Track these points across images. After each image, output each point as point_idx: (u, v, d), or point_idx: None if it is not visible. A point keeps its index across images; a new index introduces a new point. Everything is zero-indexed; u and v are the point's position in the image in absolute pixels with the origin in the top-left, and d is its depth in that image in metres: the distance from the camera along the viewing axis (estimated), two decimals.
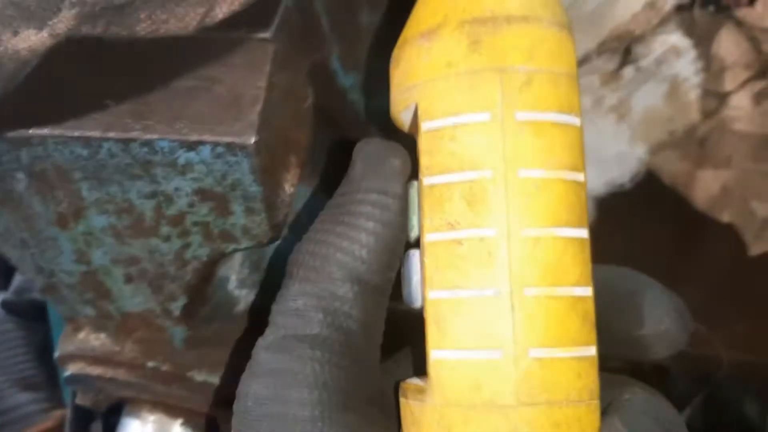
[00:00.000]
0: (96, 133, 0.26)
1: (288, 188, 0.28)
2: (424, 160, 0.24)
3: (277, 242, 0.37)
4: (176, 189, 0.27)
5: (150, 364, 0.34)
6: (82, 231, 0.30)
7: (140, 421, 0.38)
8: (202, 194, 0.27)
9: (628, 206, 0.49)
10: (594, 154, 0.50)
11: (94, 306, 0.33)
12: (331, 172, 0.45)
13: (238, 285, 0.35)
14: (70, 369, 0.36)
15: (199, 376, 0.35)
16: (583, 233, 0.23)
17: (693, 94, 0.49)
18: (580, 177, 0.23)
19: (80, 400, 0.40)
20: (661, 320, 0.27)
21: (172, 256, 0.30)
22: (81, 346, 0.35)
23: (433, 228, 0.24)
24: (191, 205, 0.28)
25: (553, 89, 0.23)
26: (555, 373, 0.22)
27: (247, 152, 0.25)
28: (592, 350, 0.23)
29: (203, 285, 0.31)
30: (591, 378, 0.22)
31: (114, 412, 0.41)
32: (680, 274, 0.53)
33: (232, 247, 0.29)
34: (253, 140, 0.25)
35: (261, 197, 0.27)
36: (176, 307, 0.32)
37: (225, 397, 0.36)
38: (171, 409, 0.38)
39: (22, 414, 0.67)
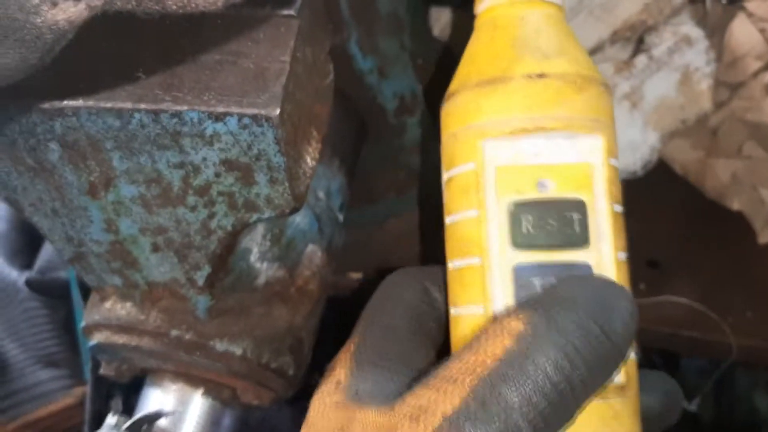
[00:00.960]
0: (128, 104, 0.28)
1: (309, 160, 0.30)
2: (611, 188, 0.29)
3: (298, 218, 0.39)
4: (204, 159, 0.29)
5: (174, 332, 0.36)
6: (112, 200, 0.31)
7: (162, 390, 0.40)
8: (228, 164, 0.28)
9: (639, 193, 0.50)
10: None
11: (121, 275, 0.35)
12: (348, 153, 0.46)
13: (259, 257, 0.36)
14: (96, 338, 0.37)
15: (220, 346, 0.36)
16: None
17: (705, 84, 0.50)
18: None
19: (105, 370, 0.41)
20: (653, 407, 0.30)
21: (198, 226, 0.31)
22: (107, 315, 0.36)
23: (620, 248, 0.29)
24: (218, 174, 0.29)
25: None
26: None
27: (272, 123, 0.27)
28: None
29: (227, 255, 0.32)
30: None
31: (134, 391, 0.42)
32: (691, 261, 0.54)
33: (255, 216, 0.30)
34: (277, 112, 0.26)
35: (284, 167, 0.28)
36: (200, 276, 0.33)
37: (245, 369, 0.37)
38: (192, 379, 0.39)
39: (44, 390, 0.69)
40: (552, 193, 0.28)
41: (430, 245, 0.56)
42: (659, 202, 0.55)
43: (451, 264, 0.31)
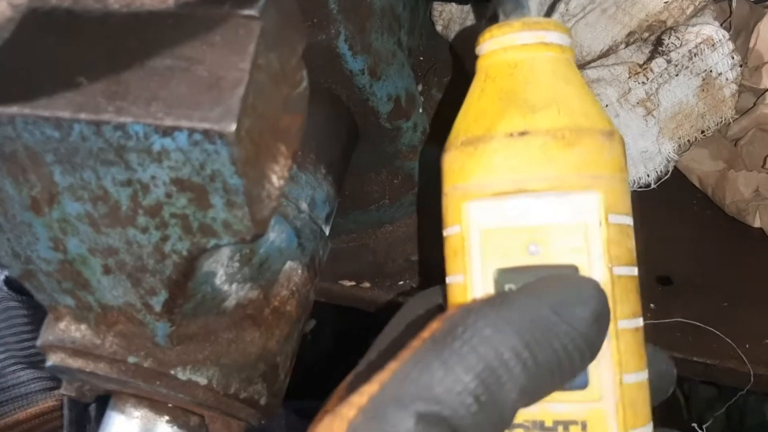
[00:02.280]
0: (66, 114, 0.24)
1: (276, 180, 0.26)
2: (612, 249, 0.27)
3: (272, 235, 0.35)
4: (152, 177, 0.25)
5: (131, 359, 0.32)
6: (57, 217, 0.28)
7: (125, 416, 0.37)
8: (180, 184, 0.25)
9: (652, 206, 0.46)
10: None
11: (73, 296, 0.31)
12: (339, 158, 0.43)
13: (227, 279, 0.33)
14: (52, 359, 0.34)
15: (183, 374, 0.33)
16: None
17: (727, 90, 0.46)
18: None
19: (65, 390, 0.38)
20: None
21: (151, 249, 0.28)
22: (61, 336, 0.33)
23: (624, 315, 0.27)
24: (169, 195, 0.26)
25: None
26: None
27: (227, 141, 0.23)
28: None
29: (185, 280, 0.29)
30: None
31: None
32: (706, 281, 0.50)
33: (213, 242, 0.27)
34: (233, 128, 0.23)
35: (242, 190, 0.24)
36: (157, 302, 0.30)
37: (210, 399, 0.34)
38: (157, 405, 0.36)
39: (24, 392, 0.66)
40: (541, 259, 0.27)
41: (429, 252, 0.53)
42: (673, 216, 0.51)
43: None
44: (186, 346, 0.33)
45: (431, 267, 0.52)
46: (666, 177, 0.47)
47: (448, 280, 0.30)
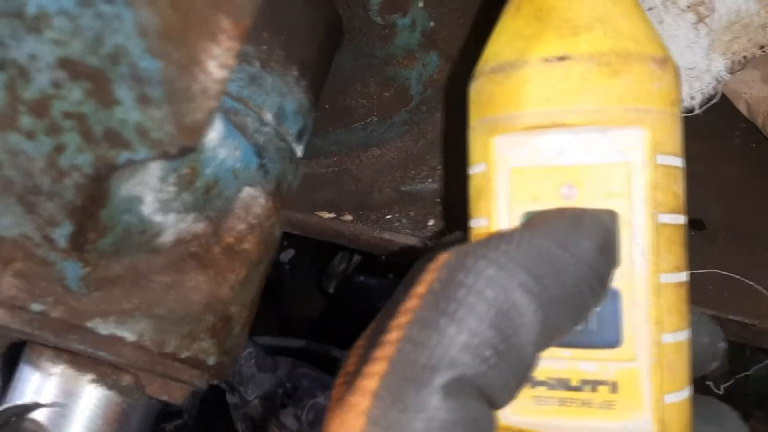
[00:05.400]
0: None
1: (214, 69, 0.18)
2: (658, 194, 0.24)
3: (223, 152, 0.27)
4: (31, 57, 0.17)
5: (35, 306, 0.25)
6: None
7: (40, 373, 0.29)
8: (71, 68, 0.17)
9: (691, 136, 0.39)
10: None
11: None
12: (316, 59, 0.34)
13: (159, 208, 0.25)
14: None
15: (104, 328, 0.26)
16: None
17: None
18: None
19: None
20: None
21: (43, 163, 0.20)
22: None
23: (666, 269, 0.24)
24: (56, 84, 0.18)
25: None
26: None
27: None
28: None
29: (94, 207, 0.21)
30: None
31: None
32: (744, 226, 0.43)
33: (125, 155, 0.19)
34: None
35: (159, 78, 0.16)
36: (60, 234, 0.22)
37: (140, 359, 0.27)
38: (79, 360, 0.29)
39: None
40: (576, 203, 0.24)
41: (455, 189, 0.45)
42: (712, 148, 0.44)
43: None
44: (107, 292, 0.25)
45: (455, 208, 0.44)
46: (714, 101, 0.39)
47: (471, 223, 0.27)
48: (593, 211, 0.24)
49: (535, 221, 0.24)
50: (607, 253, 0.23)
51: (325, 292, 0.93)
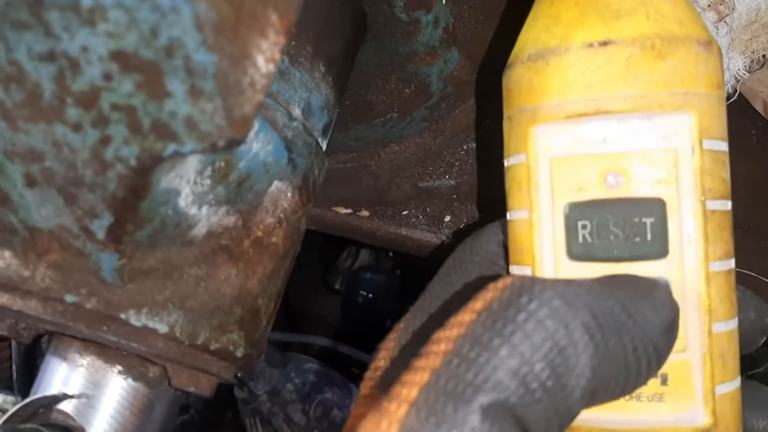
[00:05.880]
0: None
1: (263, 63, 0.18)
2: (706, 180, 0.24)
3: (256, 145, 0.27)
4: (83, 49, 0.17)
5: (69, 297, 0.25)
6: None
7: (68, 364, 0.29)
8: (123, 60, 0.17)
9: None
10: None
11: None
12: (341, 55, 0.34)
13: (194, 200, 0.25)
14: None
15: (137, 319, 0.26)
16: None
17: None
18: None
19: None
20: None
21: (87, 154, 0.20)
22: None
23: (716, 256, 0.24)
24: (107, 76, 0.18)
25: None
26: None
27: None
28: None
29: (135, 199, 0.21)
30: None
31: None
32: (763, 227, 0.43)
33: (172, 147, 0.19)
34: None
35: (213, 71, 0.17)
36: (99, 226, 0.22)
37: (172, 351, 0.27)
38: (107, 352, 0.29)
39: None
40: (621, 192, 0.23)
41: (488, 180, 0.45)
42: (729, 147, 0.44)
43: (510, 269, 0.27)
44: (141, 284, 0.25)
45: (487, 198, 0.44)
46: (733, 99, 0.39)
47: (510, 215, 0.26)
48: (663, 285, 0.23)
49: (604, 281, 0.22)
50: (671, 333, 0.22)
51: (332, 288, 0.93)
